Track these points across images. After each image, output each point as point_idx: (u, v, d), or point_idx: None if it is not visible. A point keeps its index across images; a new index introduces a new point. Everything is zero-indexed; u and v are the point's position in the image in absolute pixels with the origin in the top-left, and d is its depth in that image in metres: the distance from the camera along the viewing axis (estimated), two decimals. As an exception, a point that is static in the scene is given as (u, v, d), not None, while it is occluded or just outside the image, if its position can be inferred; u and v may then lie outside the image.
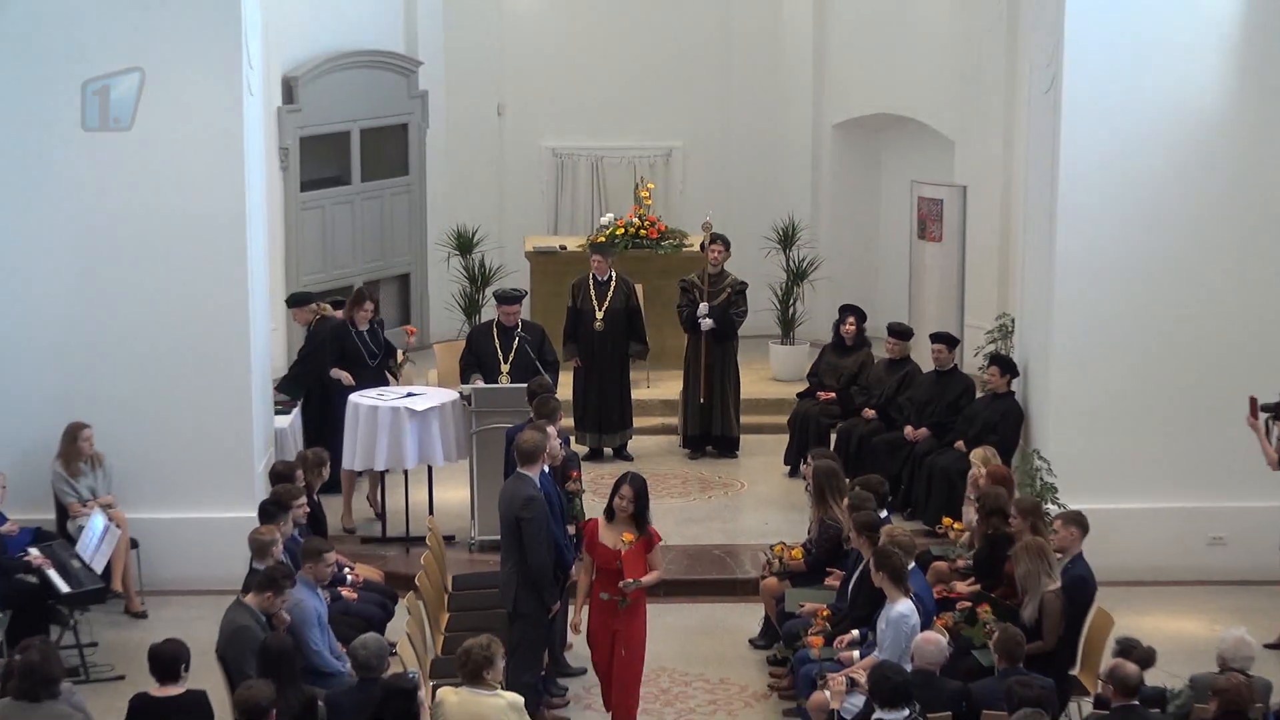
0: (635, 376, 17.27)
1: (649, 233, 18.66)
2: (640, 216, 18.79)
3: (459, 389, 14.93)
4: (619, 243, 18.25)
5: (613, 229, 18.66)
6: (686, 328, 16.82)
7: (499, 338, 15.54)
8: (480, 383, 15.00)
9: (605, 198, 20.47)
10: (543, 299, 18.16)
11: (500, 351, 15.47)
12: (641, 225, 18.69)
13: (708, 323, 16.61)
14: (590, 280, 16.72)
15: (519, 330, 15.52)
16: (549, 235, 20.04)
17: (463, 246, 18.93)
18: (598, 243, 17.59)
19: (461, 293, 18.82)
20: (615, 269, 16.82)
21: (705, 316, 16.59)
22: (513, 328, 15.52)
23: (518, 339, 15.44)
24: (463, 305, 18.74)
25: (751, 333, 17.61)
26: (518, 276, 18.67)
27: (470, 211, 19.65)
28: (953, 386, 15.32)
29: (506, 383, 15.01)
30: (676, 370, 17.21)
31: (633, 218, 18.79)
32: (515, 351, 15.42)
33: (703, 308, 16.60)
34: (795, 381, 17.50)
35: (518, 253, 19.27)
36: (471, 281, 18.77)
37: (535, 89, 20.55)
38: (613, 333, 16.63)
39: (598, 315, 16.64)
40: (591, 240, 18.24)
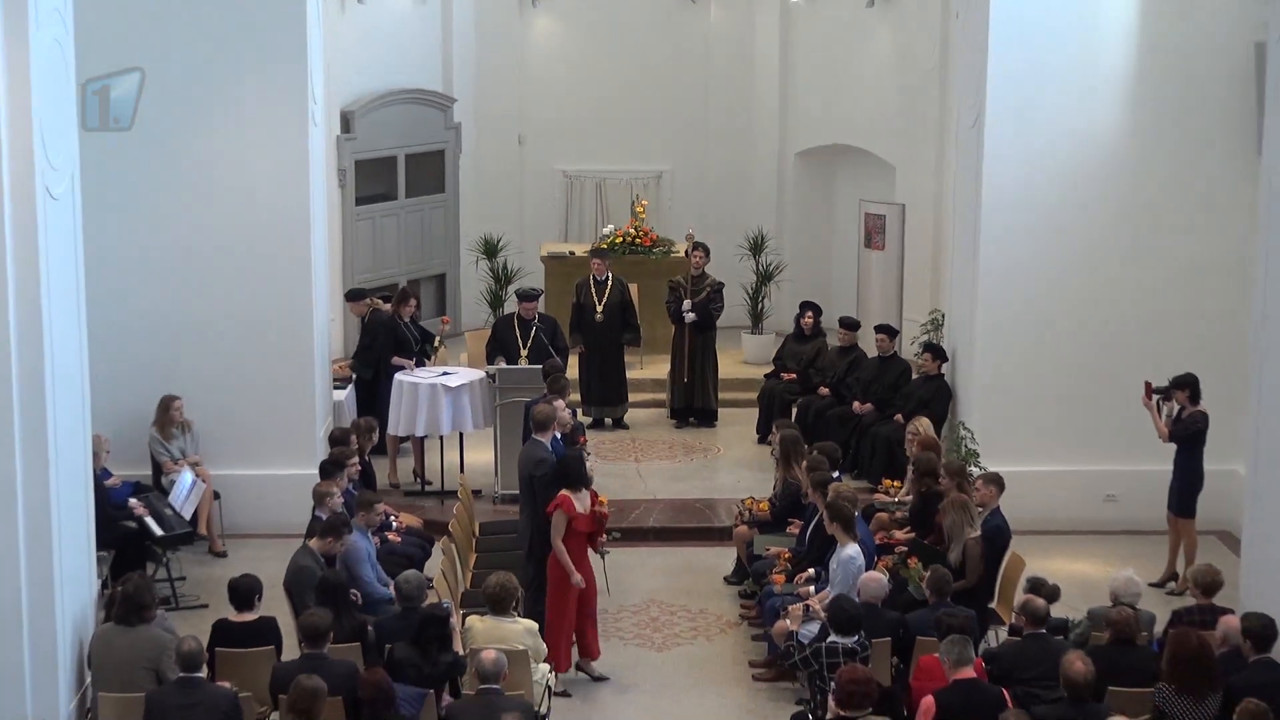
0: (630, 359, 17.19)
1: (643, 241, 18.57)
2: (636, 228, 18.70)
3: (485, 369, 14.88)
4: (618, 249, 18.17)
5: (613, 237, 18.59)
6: (673, 320, 16.76)
7: (519, 328, 15.48)
8: (503, 364, 14.94)
9: (607, 212, 20.36)
10: (555, 296, 18.06)
11: (520, 339, 15.40)
12: (637, 235, 18.60)
13: (691, 316, 16.56)
14: (591, 280, 16.66)
15: (536, 322, 15.48)
16: (561, 242, 19.94)
17: (489, 251, 18.85)
18: (598, 249, 17.54)
19: (488, 290, 18.73)
20: (612, 270, 16.76)
21: (689, 311, 16.55)
22: (530, 319, 15.47)
23: (535, 329, 15.40)
24: (489, 300, 18.64)
25: (727, 324, 17.54)
26: (534, 277, 18.57)
27: (495, 222, 19.57)
28: (893, 369, 15.26)
29: (525, 364, 14.94)
30: (665, 355, 17.14)
31: (630, 229, 18.71)
32: (532, 339, 15.37)
33: (686, 304, 16.56)
34: (763, 364, 17.42)
35: (534, 257, 19.17)
36: (496, 280, 18.68)
37: (550, 122, 20.45)
38: (611, 323, 16.55)
39: (598, 309, 16.57)
40: (593, 247, 18.19)
